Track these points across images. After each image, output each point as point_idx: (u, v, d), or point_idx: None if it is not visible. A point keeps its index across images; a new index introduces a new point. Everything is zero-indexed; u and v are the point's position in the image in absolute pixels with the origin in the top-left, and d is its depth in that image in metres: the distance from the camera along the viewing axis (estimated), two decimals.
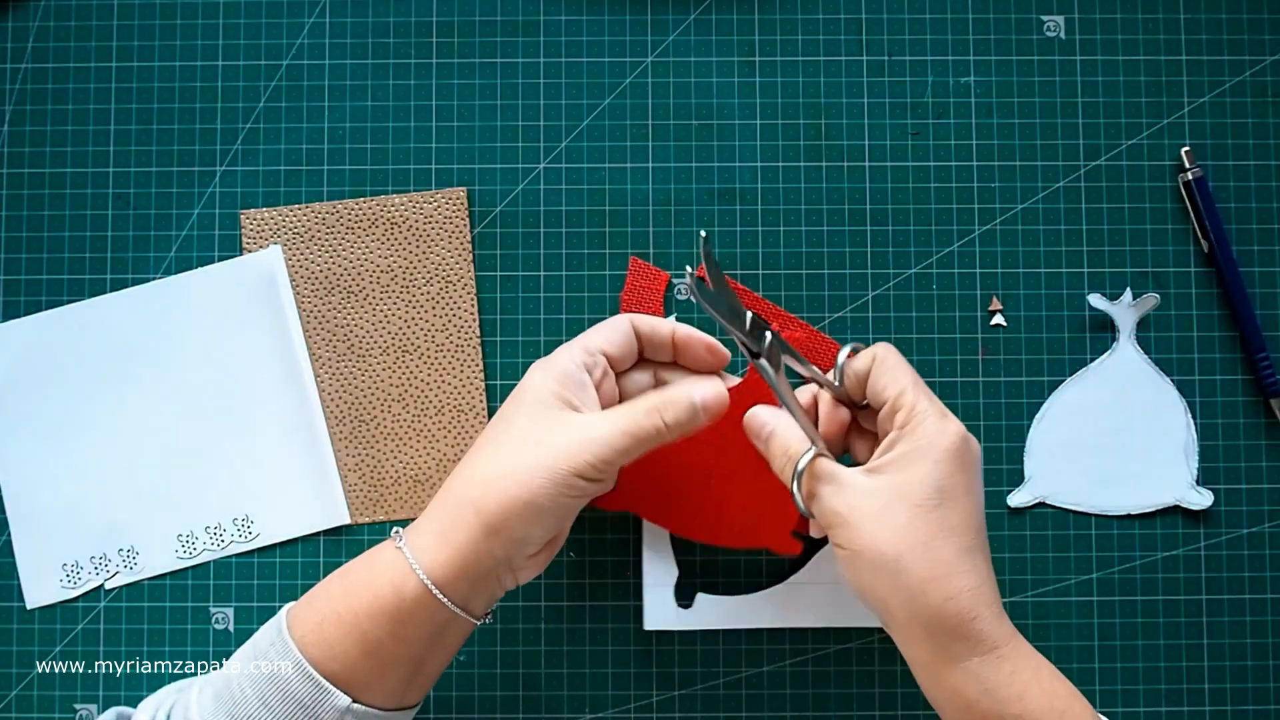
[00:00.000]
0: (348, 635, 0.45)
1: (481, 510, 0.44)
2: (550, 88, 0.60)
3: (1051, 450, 0.58)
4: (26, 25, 0.60)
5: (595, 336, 0.49)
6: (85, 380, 0.59)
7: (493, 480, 0.45)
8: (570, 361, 0.48)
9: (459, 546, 0.45)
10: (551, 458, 0.45)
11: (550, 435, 0.45)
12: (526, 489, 0.44)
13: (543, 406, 0.46)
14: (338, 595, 0.46)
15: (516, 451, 0.45)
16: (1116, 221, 0.59)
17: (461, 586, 0.45)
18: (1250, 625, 0.58)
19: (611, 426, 0.46)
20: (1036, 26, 0.60)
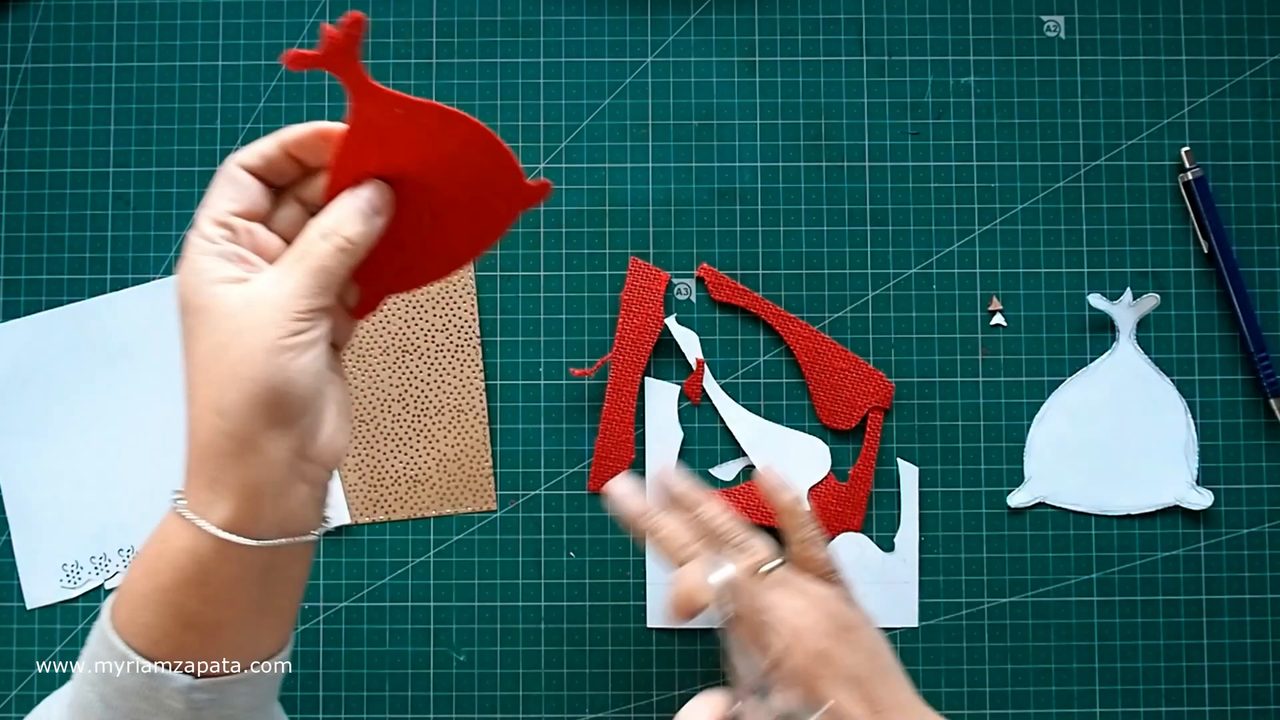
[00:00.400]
0: (163, 614, 0.41)
1: (232, 433, 0.40)
2: (550, 88, 0.60)
3: (1051, 450, 0.58)
4: (26, 25, 0.60)
5: (214, 204, 0.42)
6: (85, 380, 0.59)
7: (220, 398, 0.40)
8: (206, 241, 0.41)
9: (235, 481, 0.40)
10: (255, 338, 0.39)
11: (237, 320, 0.40)
12: (252, 382, 0.39)
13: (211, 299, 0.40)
14: (139, 578, 0.42)
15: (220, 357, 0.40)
16: (1116, 221, 0.59)
17: (264, 516, 0.41)
18: (1250, 625, 0.58)
19: (293, 274, 0.40)
20: (1036, 26, 0.60)
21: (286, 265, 0.41)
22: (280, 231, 0.43)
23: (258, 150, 0.42)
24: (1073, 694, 0.58)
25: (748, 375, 0.59)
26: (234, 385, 0.39)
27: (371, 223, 0.42)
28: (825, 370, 0.58)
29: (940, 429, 0.59)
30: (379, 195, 0.42)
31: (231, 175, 0.42)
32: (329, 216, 0.42)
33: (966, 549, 0.58)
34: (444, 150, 0.42)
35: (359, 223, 0.42)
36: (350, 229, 0.41)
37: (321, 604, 0.58)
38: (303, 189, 0.44)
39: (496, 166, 0.43)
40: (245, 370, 0.39)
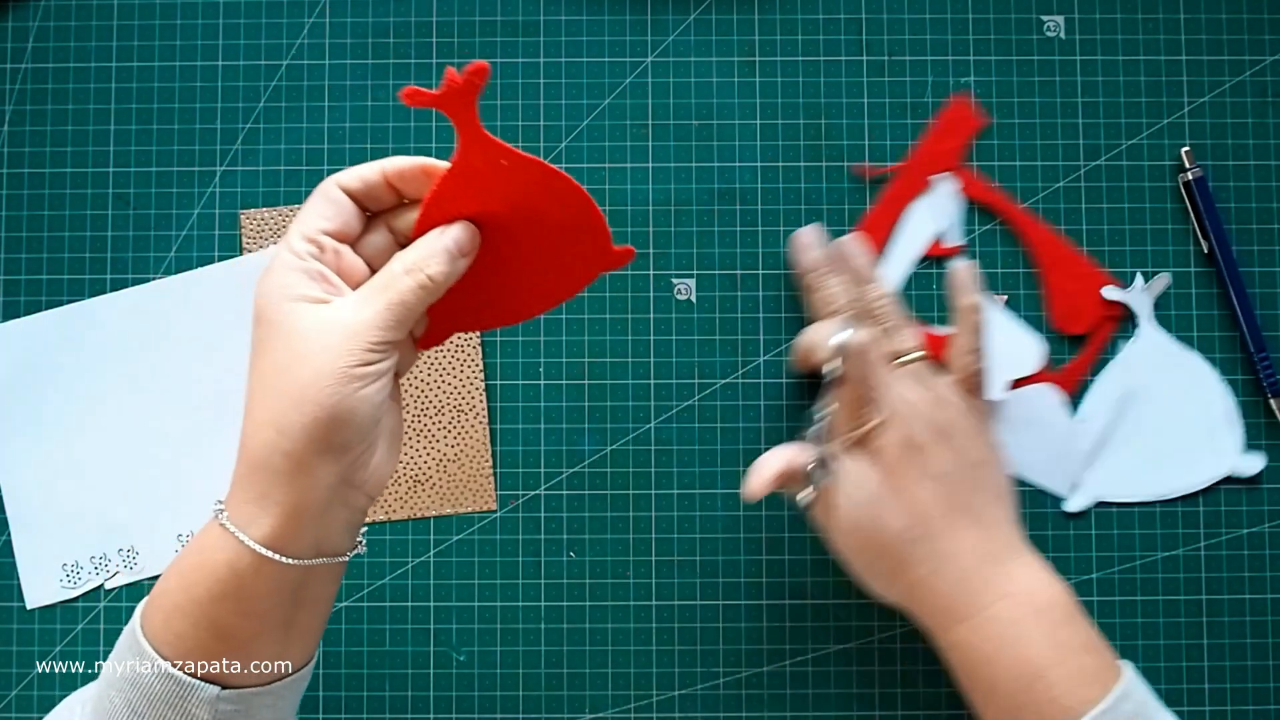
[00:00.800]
0: (197, 625, 0.41)
1: (288, 451, 0.40)
2: (550, 88, 0.60)
3: (1099, 448, 0.58)
4: (26, 25, 0.60)
5: (308, 219, 0.43)
6: (85, 380, 0.59)
7: (281, 415, 0.40)
8: (295, 257, 0.42)
9: (283, 499, 0.40)
10: (327, 362, 0.40)
11: (312, 342, 0.40)
12: (319, 406, 0.40)
13: (288, 316, 0.41)
14: (175, 588, 0.42)
15: (288, 375, 0.40)
16: (1116, 221, 0.59)
17: (304, 536, 0.41)
18: (1250, 625, 0.58)
19: (373, 305, 0.41)
20: (1036, 26, 0.60)
21: (367, 294, 0.42)
22: (366, 257, 0.44)
23: (359, 174, 0.43)
24: None
25: (748, 375, 0.59)
26: (298, 406, 0.40)
27: (455, 264, 0.43)
28: (1066, 275, 0.58)
29: None
30: (467, 238, 0.43)
31: (329, 194, 0.43)
32: (416, 252, 0.42)
33: None
34: (539, 204, 0.43)
35: (444, 262, 0.42)
36: (434, 267, 0.42)
37: None
38: (394, 218, 0.45)
39: (587, 227, 0.44)
40: (312, 393, 0.40)
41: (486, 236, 0.44)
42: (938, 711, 0.58)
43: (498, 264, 0.45)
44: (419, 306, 0.42)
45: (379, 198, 0.44)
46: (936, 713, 0.58)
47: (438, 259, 0.42)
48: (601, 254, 0.45)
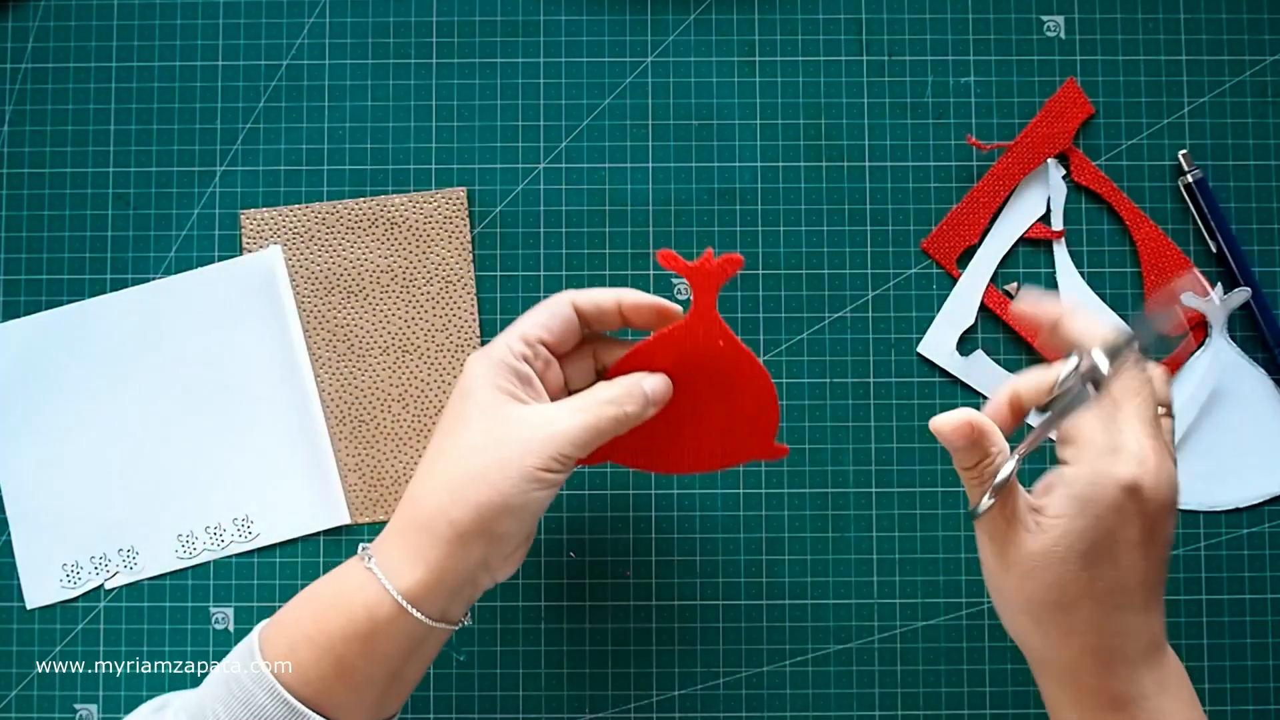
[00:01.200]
0: (322, 659, 0.44)
1: (454, 520, 0.43)
2: (550, 88, 0.60)
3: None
4: (26, 25, 0.60)
5: (533, 324, 0.47)
6: (85, 380, 0.59)
7: (460, 487, 0.44)
8: (510, 354, 0.46)
9: (434, 561, 0.44)
10: (518, 456, 0.44)
11: (510, 432, 0.44)
12: (497, 491, 0.43)
13: (493, 402, 0.45)
14: (308, 618, 0.45)
15: (479, 454, 0.44)
16: (1117, 222, 0.59)
17: (439, 599, 0.44)
18: (1250, 625, 0.58)
19: (572, 421, 0.45)
20: (1036, 26, 0.60)
21: (569, 410, 0.45)
22: (566, 373, 0.49)
23: (594, 298, 0.48)
24: None
25: None
26: (479, 486, 0.43)
27: (648, 410, 0.47)
28: (1165, 276, 0.58)
29: None
30: (664, 391, 0.48)
31: (559, 309, 0.48)
32: (619, 388, 0.46)
33: (966, 548, 0.58)
34: (731, 385, 0.49)
35: (640, 405, 0.46)
36: (632, 407, 0.46)
37: None
38: (601, 345, 0.50)
39: (761, 419, 0.50)
40: (496, 478, 0.43)
41: (674, 393, 0.49)
42: (938, 711, 0.58)
43: (671, 419, 0.49)
44: (608, 435, 0.46)
45: (606, 323, 0.49)
46: (936, 713, 0.58)
47: (637, 400, 0.46)
48: (761, 445, 0.50)
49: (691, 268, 0.47)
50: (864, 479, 0.59)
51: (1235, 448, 0.58)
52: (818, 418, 0.59)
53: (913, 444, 0.59)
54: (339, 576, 0.46)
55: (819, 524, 0.59)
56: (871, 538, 0.58)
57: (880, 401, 0.59)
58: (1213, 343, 0.59)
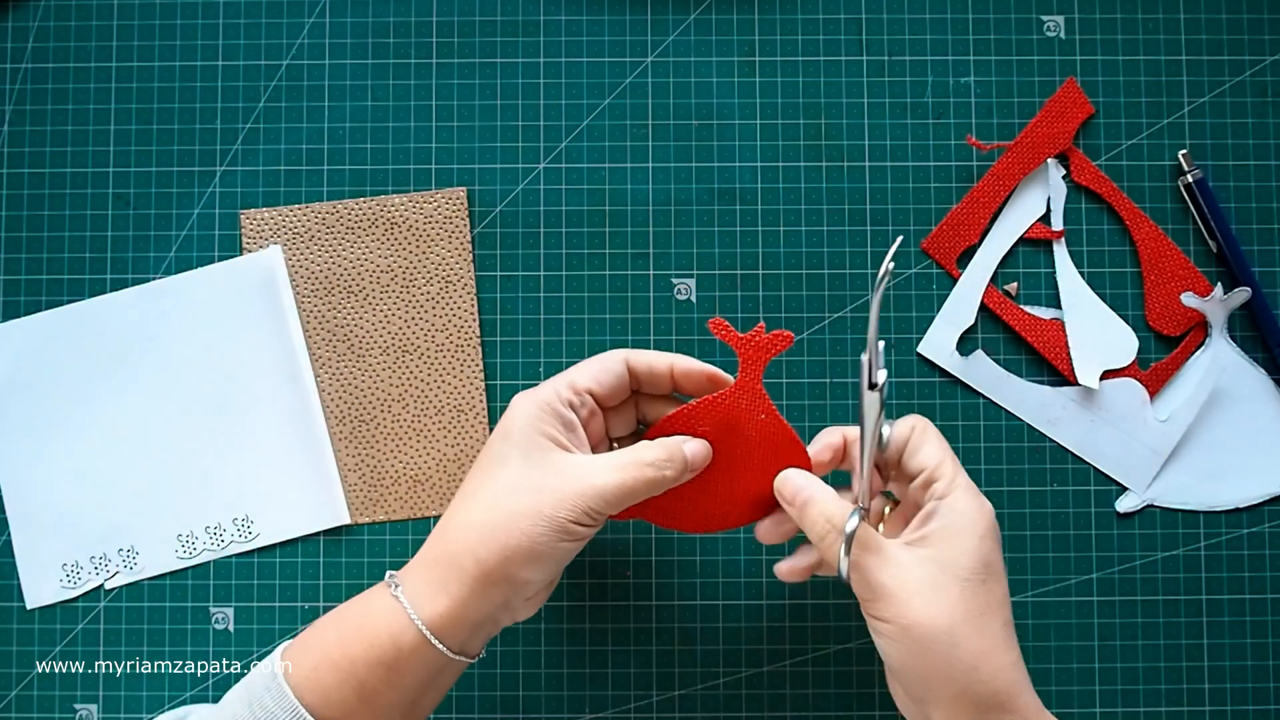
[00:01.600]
0: (345, 683, 0.44)
1: (481, 560, 0.44)
2: (550, 88, 0.60)
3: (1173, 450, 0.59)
4: (26, 25, 0.60)
5: (584, 374, 0.48)
6: (85, 380, 0.59)
7: (490, 528, 0.44)
8: (558, 399, 0.47)
9: (458, 596, 0.44)
10: (551, 505, 0.44)
11: (546, 480, 0.45)
12: (526, 537, 0.44)
13: (534, 447, 0.46)
14: (333, 641, 0.45)
15: (513, 497, 0.44)
16: (1117, 222, 0.59)
17: (460, 634, 0.45)
18: (1250, 625, 0.58)
19: (609, 476, 0.45)
20: (1036, 26, 0.60)
21: (607, 467, 0.46)
22: (610, 421, 0.50)
23: (649, 360, 0.49)
24: (1073, 694, 0.58)
25: None
26: (509, 530, 0.44)
27: (684, 475, 0.48)
28: (1165, 276, 0.58)
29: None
30: (702, 457, 0.48)
31: (613, 365, 0.48)
32: (661, 451, 0.47)
33: None
34: (769, 458, 0.49)
35: (680, 469, 0.47)
36: (672, 470, 0.47)
37: (321, 604, 0.58)
38: (647, 406, 0.51)
39: None
40: (526, 525, 0.44)
41: (712, 458, 0.49)
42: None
43: (705, 483, 0.50)
44: (643, 495, 0.46)
45: (654, 384, 0.49)
46: None
47: (676, 465, 0.47)
48: (766, 508, 0.50)
49: (742, 339, 0.48)
50: None
51: (1235, 448, 0.58)
52: (818, 418, 0.59)
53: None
54: (365, 601, 0.46)
55: None
56: None
57: None
58: (1213, 343, 0.58)
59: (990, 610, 0.43)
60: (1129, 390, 0.58)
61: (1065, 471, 0.59)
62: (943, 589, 0.43)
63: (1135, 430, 0.58)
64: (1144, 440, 0.58)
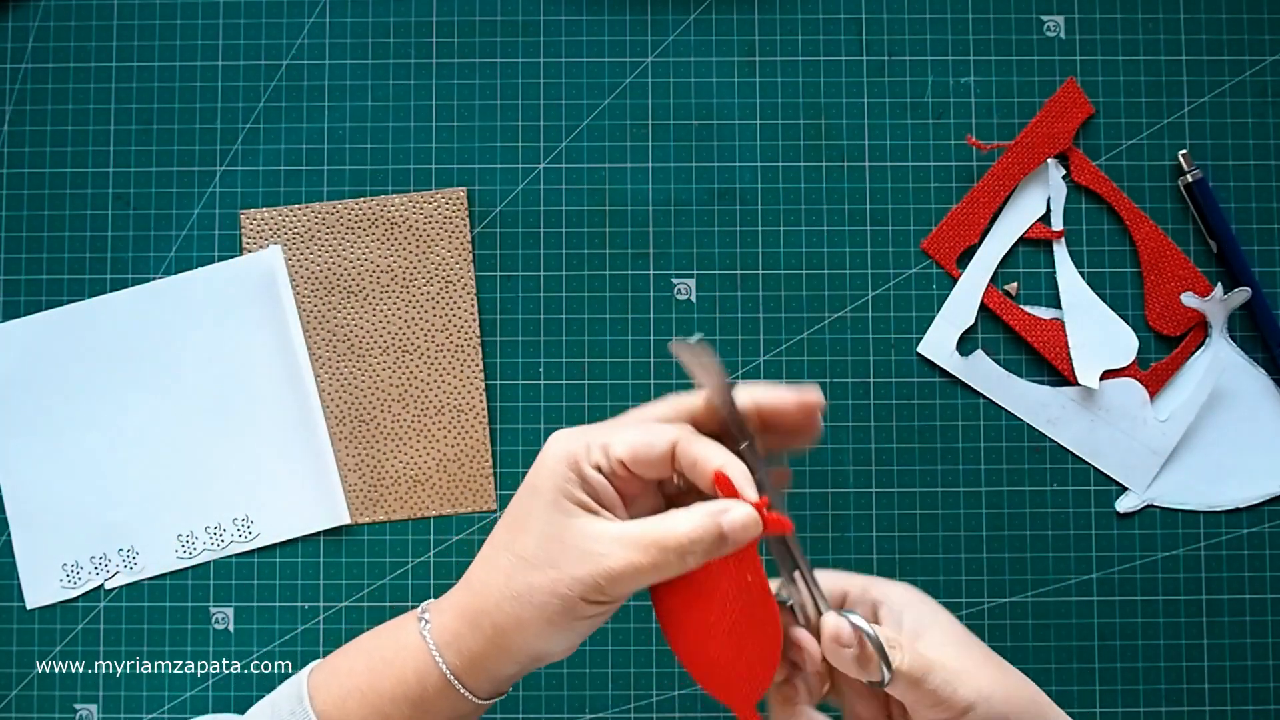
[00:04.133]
0: (370, 716, 0.44)
1: (498, 625, 0.43)
2: (550, 88, 0.60)
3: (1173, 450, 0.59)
4: (26, 25, 0.60)
5: (622, 444, 0.43)
6: (85, 380, 0.59)
7: (508, 598, 0.42)
8: (587, 459, 0.43)
9: (477, 654, 0.43)
10: (567, 584, 0.41)
11: (563, 555, 0.42)
12: (542, 614, 0.42)
13: (557, 509, 0.43)
14: (361, 671, 0.45)
15: (531, 572, 0.42)
16: (1117, 222, 0.59)
17: (485, 684, 0.44)
18: (1250, 625, 0.58)
19: (620, 556, 0.41)
20: (1036, 26, 0.60)
21: (626, 542, 0.42)
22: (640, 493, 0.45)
23: (697, 455, 0.42)
24: (1073, 694, 0.58)
25: (748, 375, 0.59)
26: (523, 604, 0.42)
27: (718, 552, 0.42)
28: (1165, 276, 0.58)
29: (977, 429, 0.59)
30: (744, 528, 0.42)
31: (658, 443, 0.43)
32: (696, 529, 0.42)
33: (966, 548, 0.58)
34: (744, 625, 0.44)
35: (712, 551, 0.42)
36: (697, 556, 0.42)
37: (321, 604, 0.58)
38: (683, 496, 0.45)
39: (752, 679, 0.45)
40: (541, 599, 0.42)
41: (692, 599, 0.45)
42: None
43: (686, 615, 0.46)
44: (661, 578, 0.42)
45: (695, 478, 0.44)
46: None
47: (707, 546, 0.42)
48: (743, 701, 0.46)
49: (768, 520, 0.43)
50: (864, 479, 0.59)
51: (1235, 448, 0.58)
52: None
53: (913, 444, 0.59)
54: (396, 632, 0.45)
55: (819, 524, 0.58)
56: (871, 538, 0.58)
57: (880, 401, 0.59)
58: (1213, 343, 0.58)
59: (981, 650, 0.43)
60: (1129, 390, 0.58)
61: (1065, 471, 0.59)
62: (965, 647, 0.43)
63: (1135, 430, 0.58)
64: (1144, 440, 0.58)
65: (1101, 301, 0.59)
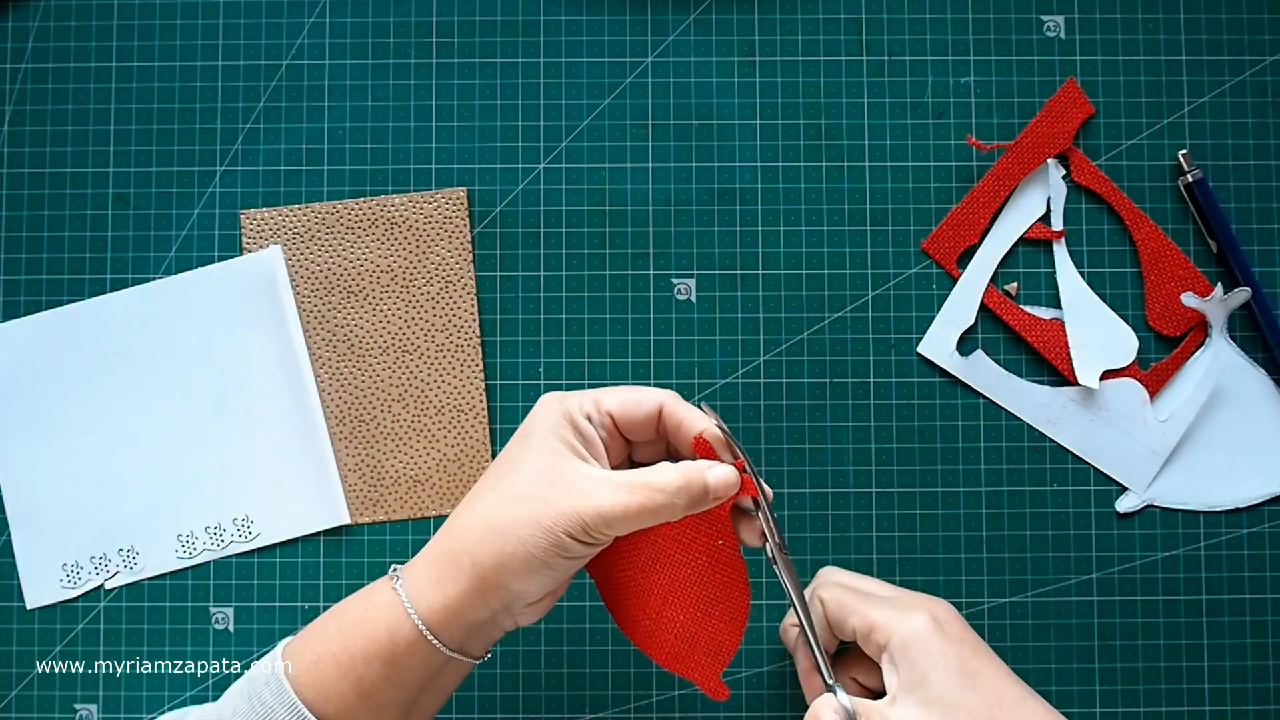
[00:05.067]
0: (343, 678, 0.44)
1: (478, 563, 0.43)
2: (550, 88, 0.60)
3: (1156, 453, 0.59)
4: (26, 25, 0.60)
5: (612, 397, 0.46)
6: (85, 380, 0.59)
7: (490, 532, 0.43)
8: (579, 410, 0.46)
9: (454, 596, 0.44)
10: (551, 517, 0.43)
11: (552, 491, 0.43)
12: (522, 547, 0.43)
13: (550, 451, 0.44)
14: (333, 635, 0.45)
15: (516, 503, 0.43)
16: (1117, 222, 0.59)
17: (456, 633, 0.44)
18: (1250, 625, 0.58)
19: (613, 495, 0.43)
20: (1036, 26, 0.60)
21: (617, 484, 0.44)
22: (636, 454, 0.48)
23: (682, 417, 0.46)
24: (1073, 694, 0.58)
25: (748, 375, 0.59)
26: (508, 538, 0.43)
27: (700, 505, 0.45)
28: (1165, 276, 0.58)
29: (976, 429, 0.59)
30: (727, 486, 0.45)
31: (645, 401, 0.46)
32: (681, 476, 0.44)
33: (966, 548, 0.58)
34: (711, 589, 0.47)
35: (696, 500, 0.44)
36: (684, 500, 0.44)
37: (321, 604, 0.58)
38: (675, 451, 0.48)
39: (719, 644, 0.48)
40: (525, 534, 0.43)
41: (670, 561, 0.48)
42: None
43: (643, 590, 0.48)
44: (648, 522, 0.44)
45: (677, 441, 0.47)
46: None
47: (694, 493, 0.44)
48: (707, 669, 0.49)
49: (742, 483, 0.46)
50: (864, 479, 0.59)
51: (1235, 448, 0.58)
52: (818, 418, 0.59)
53: (913, 444, 0.59)
54: (367, 595, 0.46)
55: (819, 524, 0.59)
56: (871, 538, 0.58)
57: (880, 401, 0.59)
58: (1213, 343, 0.58)
59: (995, 701, 0.43)
60: (1129, 390, 0.58)
61: (1065, 471, 0.59)
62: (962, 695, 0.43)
63: (1135, 430, 0.58)
64: (1144, 440, 0.58)
65: (1101, 301, 0.59)
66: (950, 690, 0.44)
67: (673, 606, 0.48)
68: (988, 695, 0.44)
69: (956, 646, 0.45)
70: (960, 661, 0.44)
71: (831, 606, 0.48)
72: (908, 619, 0.45)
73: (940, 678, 0.44)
